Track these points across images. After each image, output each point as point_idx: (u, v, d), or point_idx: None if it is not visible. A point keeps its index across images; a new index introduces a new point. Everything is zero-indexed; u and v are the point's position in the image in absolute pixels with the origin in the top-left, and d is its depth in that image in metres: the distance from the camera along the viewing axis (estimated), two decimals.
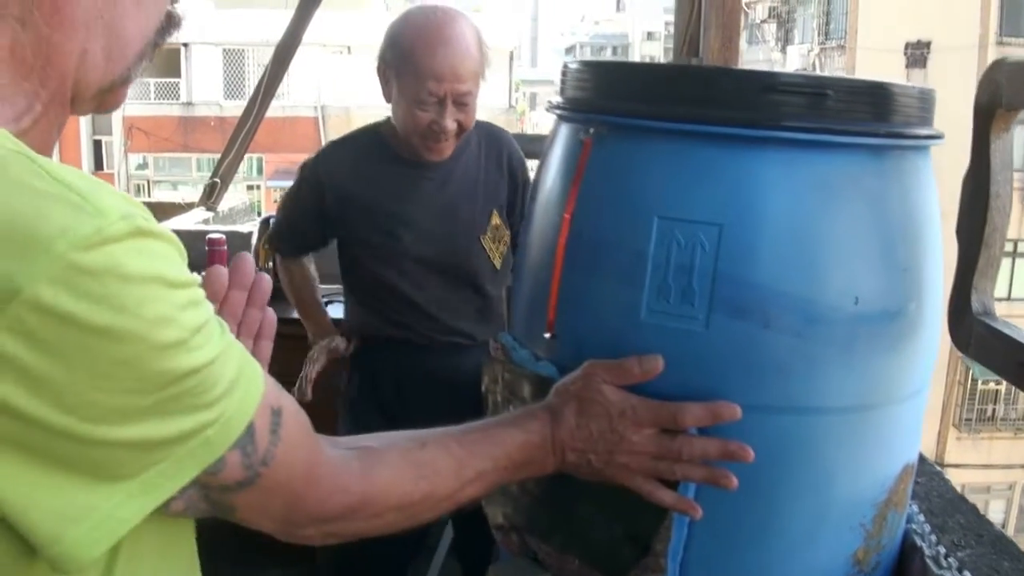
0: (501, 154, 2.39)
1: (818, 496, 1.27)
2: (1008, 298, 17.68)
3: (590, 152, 1.31)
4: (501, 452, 1.11)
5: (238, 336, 0.99)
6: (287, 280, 2.54)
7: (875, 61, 18.53)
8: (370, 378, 2.40)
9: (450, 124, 2.17)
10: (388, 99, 2.25)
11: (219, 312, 0.97)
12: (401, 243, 2.27)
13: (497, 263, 2.33)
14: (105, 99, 0.82)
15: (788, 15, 23.82)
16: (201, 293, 0.72)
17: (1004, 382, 18.59)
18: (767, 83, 1.23)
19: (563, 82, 1.44)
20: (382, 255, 2.29)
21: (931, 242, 1.31)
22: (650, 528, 1.26)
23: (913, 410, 1.35)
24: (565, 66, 1.43)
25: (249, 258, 1.04)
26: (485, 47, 2.22)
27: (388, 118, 2.34)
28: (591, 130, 1.31)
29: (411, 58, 2.14)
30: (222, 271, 1.00)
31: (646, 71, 1.42)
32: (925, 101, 1.31)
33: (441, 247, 2.29)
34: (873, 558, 1.35)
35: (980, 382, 19.16)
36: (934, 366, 1.39)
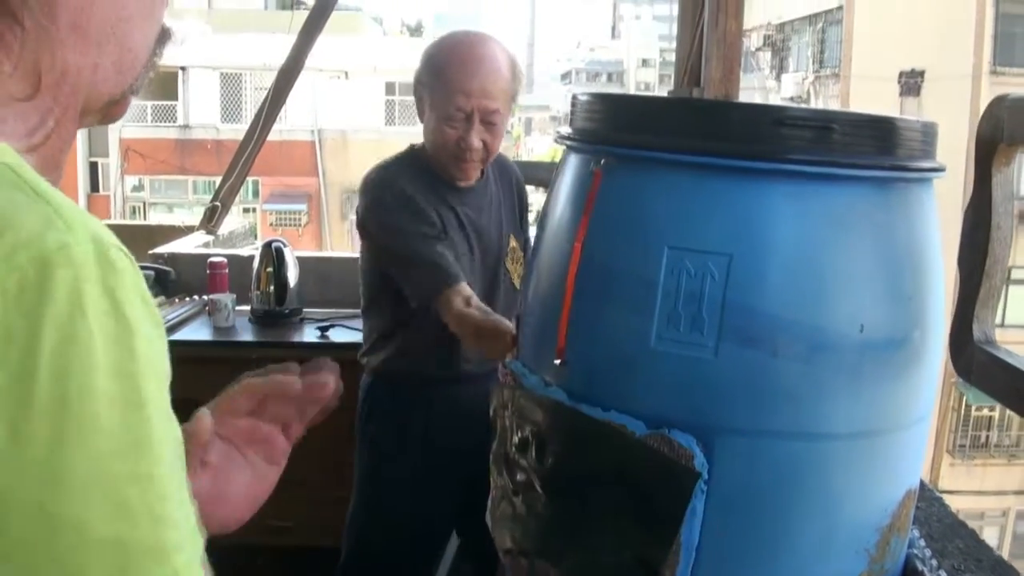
0: (511, 179, 2.44)
1: (824, 521, 1.30)
2: (1002, 325, 17.76)
3: (600, 183, 1.34)
4: None
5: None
6: (466, 317, 2.15)
7: (869, 89, 18.65)
8: (391, 415, 2.37)
9: (476, 142, 2.18)
10: (422, 118, 2.28)
11: (260, 412, 0.97)
12: (458, 262, 2.27)
13: (518, 283, 2.34)
14: (111, 111, 0.83)
15: (783, 43, 23.98)
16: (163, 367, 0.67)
17: (997, 408, 18.65)
18: (775, 117, 1.26)
19: (572, 113, 1.47)
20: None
21: (934, 272, 1.34)
22: (658, 553, 1.27)
23: (917, 436, 1.38)
24: (574, 97, 1.46)
25: (330, 378, 1.00)
26: (519, 72, 2.25)
27: (417, 143, 2.37)
28: (601, 161, 1.34)
29: (443, 74, 2.18)
30: (296, 384, 0.98)
31: (656, 104, 1.46)
32: (927, 135, 1.34)
33: (476, 269, 2.30)
34: None
35: (974, 408, 19.17)
36: (936, 394, 1.42)
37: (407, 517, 2.34)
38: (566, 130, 1.47)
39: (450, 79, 2.16)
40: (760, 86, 23.46)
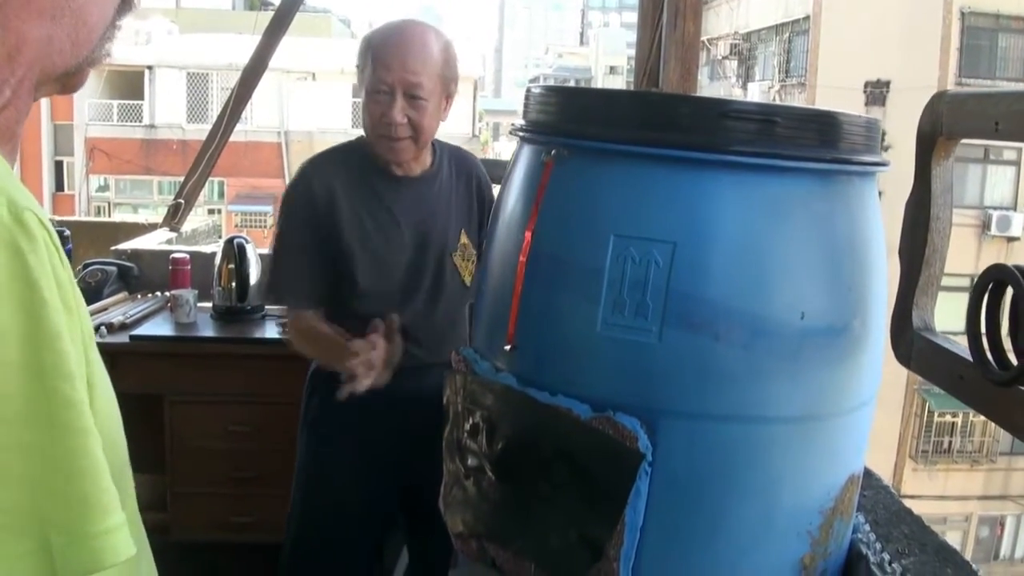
0: (471, 176, 2.42)
1: (765, 502, 1.33)
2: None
3: (551, 173, 1.36)
4: None
5: None
6: (300, 338, 2.31)
7: (835, 99, 18.78)
8: (332, 399, 2.39)
9: (399, 116, 2.17)
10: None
11: None
12: (377, 255, 2.28)
13: (467, 280, 2.35)
14: (70, 81, 0.83)
15: (749, 52, 24.13)
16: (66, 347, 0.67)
17: (960, 414, 18.84)
18: (720, 110, 1.30)
19: (526, 105, 1.49)
20: (362, 271, 2.29)
21: (875, 262, 1.38)
22: (603, 533, 1.30)
23: (858, 422, 1.41)
24: (528, 90, 1.49)
25: None
26: (452, 56, 2.26)
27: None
28: (552, 152, 1.37)
29: (371, 52, 2.21)
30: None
31: (606, 96, 1.49)
32: (870, 130, 1.38)
33: (417, 262, 2.30)
34: (820, 564, 1.40)
35: (937, 414, 19.36)
36: (879, 382, 1.45)
37: (345, 498, 2.34)
38: (519, 122, 1.50)
39: (375, 55, 2.19)
40: (726, 94, 23.59)
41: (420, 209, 2.30)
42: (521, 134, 1.48)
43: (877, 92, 18.95)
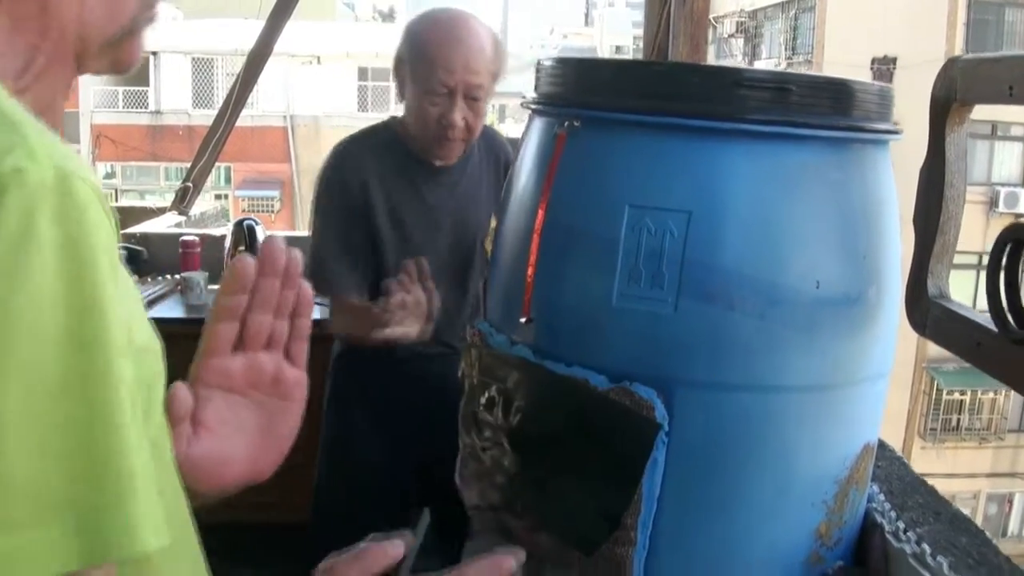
0: (499, 158, 2.40)
1: (780, 471, 1.33)
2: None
3: (564, 145, 1.36)
4: None
5: (275, 318, 0.91)
6: (341, 319, 2.30)
7: (842, 75, 18.72)
8: (357, 379, 2.40)
9: (458, 119, 2.16)
10: (402, 97, 2.28)
11: (251, 301, 0.89)
12: (412, 244, 2.27)
13: None
14: (117, 56, 0.79)
15: (756, 30, 24.03)
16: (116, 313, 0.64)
17: (968, 392, 18.83)
18: (734, 79, 1.30)
19: (538, 78, 1.49)
20: (394, 255, 2.26)
21: (889, 231, 1.38)
22: (622, 503, 1.31)
23: (873, 392, 1.42)
24: (539, 63, 1.49)
25: (278, 239, 0.92)
26: (501, 50, 2.23)
27: (397, 117, 2.36)
28: (565, 123, 1.37)
29: (426, 50, 2.17)
30: (247, 261, 0.89)
31: (618, 67, 1.49)
32: (884, 98, 1.38)
33: (454, 249, 2.30)
34: (835, 533, 1.41)
35: (945, 392, 19.37)
36: (895, 352, 1.45)
37: (365, 474, 2.37)
38: (531, 95, 1.50)
39: (433, 55, 2.15)
40: None
41: (455, 197, 2.30)
42: (533, 107, 1.48)
43: (884, 69, 18.88)
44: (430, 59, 2.16)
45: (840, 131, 1.31)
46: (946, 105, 1.30)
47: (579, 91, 1.41)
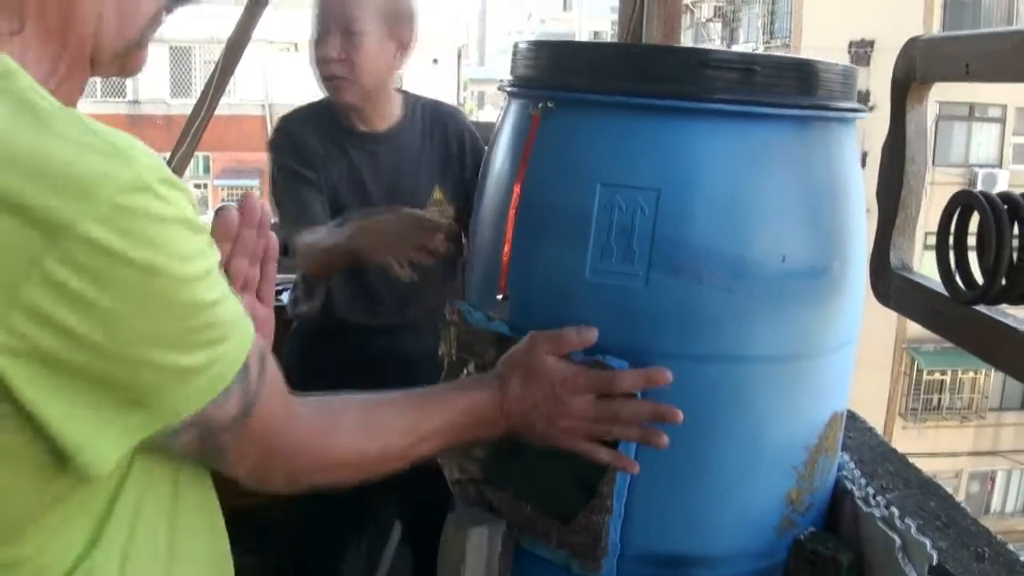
0: (446, 127, 2.36)
1: (751, 439, 1.38)
2: None
3: (539, 126, 1.40)
4: (453, 413, 1.19)
5: (249, 264, 1.07)
6: (309, 248, 2.20)
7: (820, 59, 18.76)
8: (310, 366, 2.39)
9: (331, 52, 2.15)
10: None
11: (233, 248, 1.04)
12: (343, 210, 2.25)
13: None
14: (125, 63, 0.90)
15: (733, 14, 24.08)
16: (209, 240, 0.81)
17: (949, 372, 18.96)
18: (701, 59, 1.34)
19: (514, 61, 1.53)
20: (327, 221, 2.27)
21: (853, 206, 1.42)
22: (597, 472, 1.35)
23: (840, 361, 1.46)
24: (516, 45, 1.52)
25: (255, 195, 1.11)
26: (400, 7, 2.20)
27: None
28: (539, 105, 1.40)
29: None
30: (232, 211, 1.05)
31: (591, 49, 1.53)
32: (847, 77, 1.42)
33: None
34: (806, 499, 1.46)
35: (925, 372, 19.53)
36: (860, 323, 1.50)
37: None
38: (507, 78, 1.54)
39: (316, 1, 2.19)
40: None
41: (387, 167, 2.28)
42: (509, 89, 1.51)
43: (861, 52, 18.95)
44: (314, 5, 2.19)
45: (804, 109, 1.35)
46: (906, 84, 1.34)
47: (553, 73, 1.45)
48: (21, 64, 0.76)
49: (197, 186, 23.18)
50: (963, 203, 1.12)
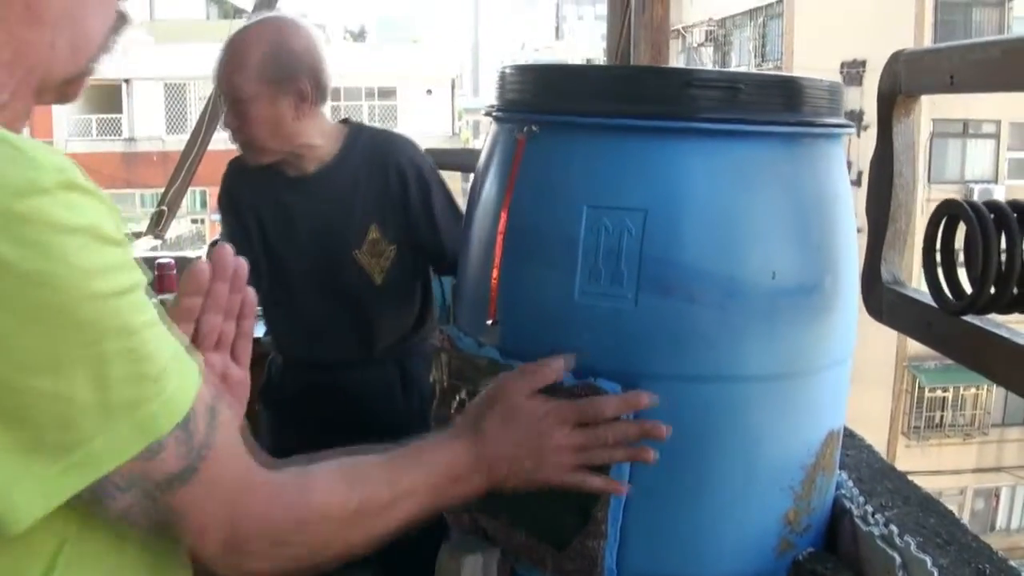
0: (387, 163, 2.25)
1: (746, 459, 1.37)
2: None
3: (524, 149, 1.40)
4: (429, 471, 1.09)
5: (224, 320, 1.01)
6: None
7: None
8: (281, 391, 2.40)
9: (226, 124, 2.18)
10: None
11: (205, 303, 0.99)
12: (281, 258, 2.28)
13: (377, 279, 2.24)
14: (67, 91, 0.86)
15: (725, 38, 24.19)
16: (131, 258, 0.74)
17: (951, 389, 18.91)
18: (685, 79, 1.34)
19: (500, 86, 1.52)
20: (270, 271, 2.27)
21: (843, 222, 1.42)
22: (590, 498, 1.33)
23: (834, 379, 1.45)
24: (501, 71, 1.52)
25: (228, 248, 1.02)
26: (284, 55, 2.14)
27: None
28: (524, 129, 1.40)
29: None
30: (203, 265, 0.98)
31: (574, 72, 1.53)
32: (833, 93, 1.42)
33: (315, 262, 2.26)
34: (804, 519, 1.44)
35: (927, 390, 19.47)
36: (854, 339, 1.49)
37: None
38: (493, 103, 1.53)
39: (214, 68, 2.19)
40: None
41: (317, 207, 2.25)
42: (495, 115, 1.51)
43: (854, 72, 19.02)
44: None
45: (790, 126, 1.35)
46: (892, 98, 1.34)
47: (538, 97, 1.45)
48: None
49: (195, 221, 23.22)
50: (949, 213, 1.11)
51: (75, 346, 0.68)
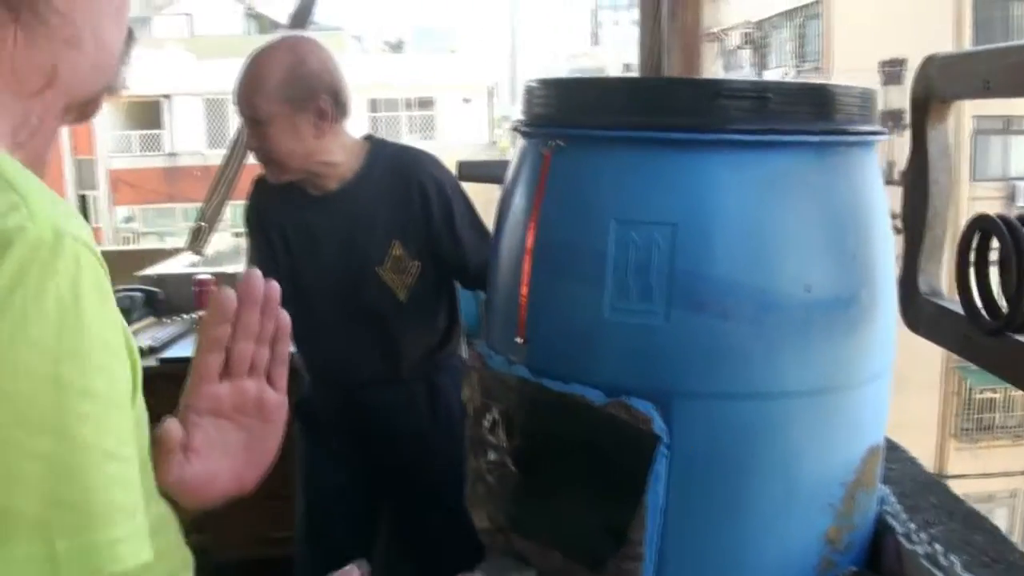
0: (409, 180, 2.25)
1: (785, 477, 1.33)
2: None
3: (550, 164, 1.38)
4: None
5: (256, 346, 0.98)
6: None
7: (852, 80, 18.63)
8: (315, 410, 2.41)
9: (249, 143, 2.21)
10: None
11: (234, 331, 0.96)
12: (306, 277, 2.28)
13: (401, 296, 2.24)
14: (87, 109, 0.87)
15: (763, 40, 24.02)
16: (120, 338, 0.74)
17: (1000, 390, 18.64)
18: (713, 90, 1.31)
19: (526, 101, 1.51)
20: (296, 290, 2.24)
21: (879, 232, 1.38)
22: (626, 518, 1.31)
23: (874, 393, 1.42)
24: (527, 85, 1.50)
25: (257, 273, 1.00)
26: (302, 74, 2.16)
27: None
28: (550, 143, 1.38)
29: None
30: (229, 292, 0.95)
31: (600, 85, 1.51)
32: (865, 100, 1.39)
33: (339, 280, 2.26)
34: (845, 537, 1.41)
35: (976, 391, 19.18)
36: (894, 351, 1.45)
37: (332, 496, 2.42)
38: (519, 118, 1.51)
39: (234, 88, 2.21)
40: None
41: (340, 225, 2.26)
42: (521, 130, 1.49)
43: (893, 71, 18.82)
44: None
45: (820, 135, 1.32)
46: (925, 103, 1.31)
47: (563, 111, 1.43)
48: None
49: (236, 234, 23.36)
50: (981, 228, 1.07)
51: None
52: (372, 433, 2.29)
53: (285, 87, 2.14)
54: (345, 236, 2.25)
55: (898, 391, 1.50)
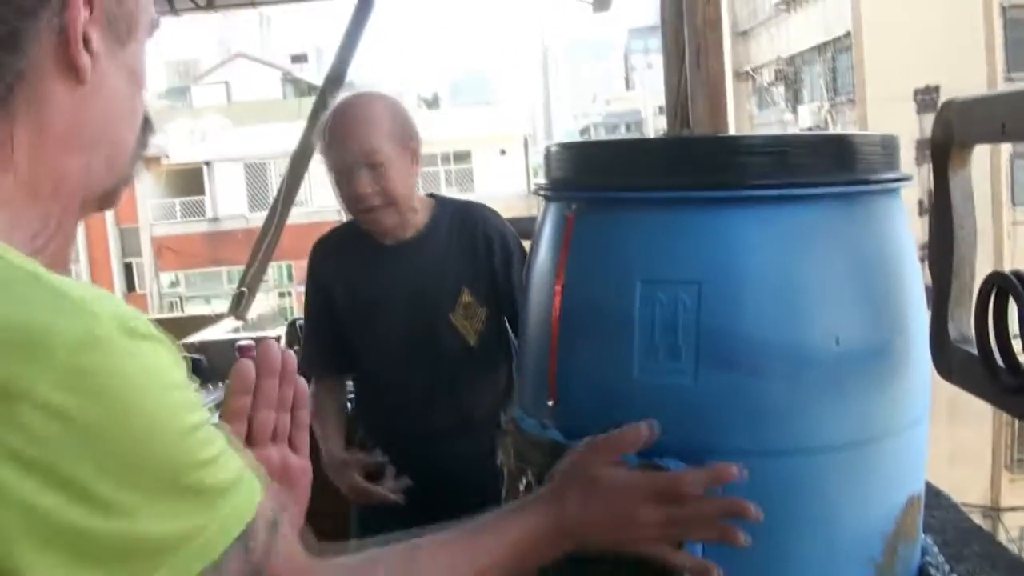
0: (475, 230, 2.36)
1: (826, 533, 1.32)
2: None
3: (574, 227, 1.39)
4: (502, 543, 1.11)
5: (277, 413, 1.02)
6: (315, 408, 2.35)
7: (886, 110, 18.55)
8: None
9: (364, 188, 2.21)
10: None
11: (255, 401, 1.00)
12: (377, 327, 2.33)
13: (472, 341, 2.31)
14: (106, 201, 0.88)
15: (795, 75, 24.04)
16: (197, 397, 0.76)
17: None
18: (731, 147, 1.32)
19: (547, 164, 1.52)
20: (365, 342, 2.34)
21: (908, 278, 1.37)
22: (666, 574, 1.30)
23: (912, 441, 1.40)
24: (547, 149, 1.52)
25: (273, 343, 1.05)
26: (404, 118, 2.27)
27: None
28: (573, 206, 1.39)
29: (327, 134, 2.26)
30: (247, 364, 1.00)
31: (617, 146, 1.52)
32: (887, 147, 1.39)
33: (412, 327, 2.31)
34: None
35: None
36: (930, 397, 1.44)
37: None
38: (541, 181, 1.53)
39: (330, 139, 2.24)
40: (777, 120, 23.50)
41: (413, 273, 2.31)
42: (543, 193, 1.50)
43: (927, 98, 18.73)
44: (328, 143, 2.25)
45: (844, 186, 1.31)
46: (946, 148, 1.30)
47: (584, 174, 1.44)
48: (7, 230, 0.74)
49: (282, 295, 23.60)
50: (997, 285, 1.06)
51: (149, 489, 0.69)
52: (435, 488, 2.25)
53: (396, 128, 2.24)
54: (416, 283, 2.31)
55: (951, 421, 1.49)
